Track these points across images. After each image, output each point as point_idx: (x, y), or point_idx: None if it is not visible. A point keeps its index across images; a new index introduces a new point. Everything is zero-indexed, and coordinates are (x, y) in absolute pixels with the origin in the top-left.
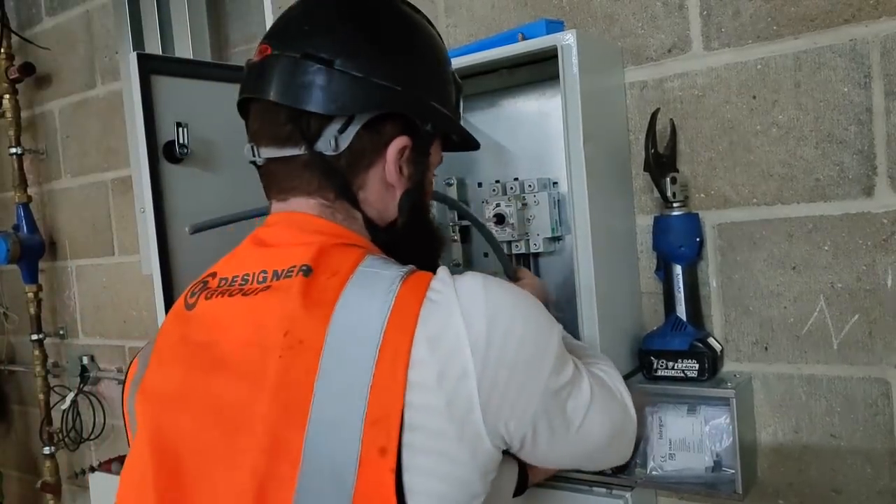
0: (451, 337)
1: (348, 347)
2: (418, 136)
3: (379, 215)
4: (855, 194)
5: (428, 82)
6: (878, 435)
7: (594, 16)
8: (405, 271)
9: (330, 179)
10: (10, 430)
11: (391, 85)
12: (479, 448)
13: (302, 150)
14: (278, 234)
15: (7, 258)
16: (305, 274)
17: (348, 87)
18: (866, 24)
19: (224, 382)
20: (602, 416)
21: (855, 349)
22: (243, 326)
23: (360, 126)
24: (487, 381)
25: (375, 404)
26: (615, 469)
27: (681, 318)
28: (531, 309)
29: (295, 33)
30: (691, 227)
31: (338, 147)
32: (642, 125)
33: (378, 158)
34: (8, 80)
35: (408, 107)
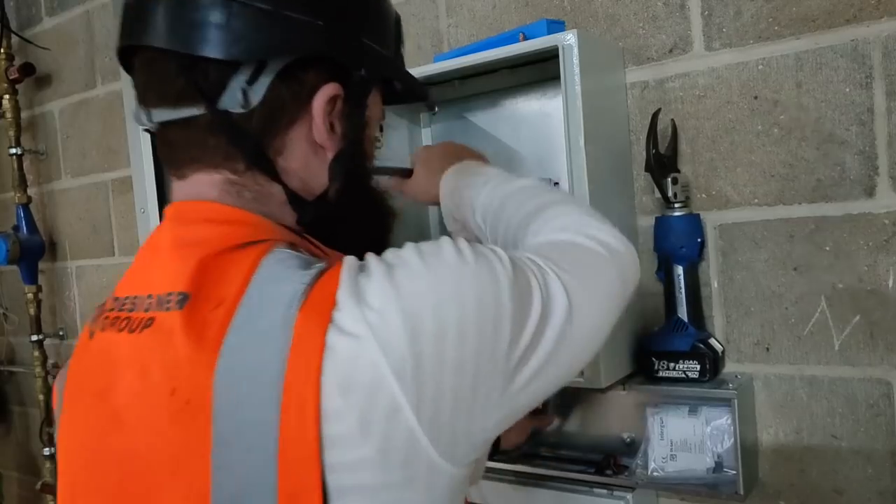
0: (365, 370)
1: (243, 407)
2: (350, 83)
3: (305, 186)
4: (856, 195)
5: (358, 14)
6: (879, 436)
7: (595, 16)
8: (307, 282)
9: (238, 145)
10: (9, 431)
11: (310, 19)
12: (441, 478)
13: (201, 109)
14: (165, 236)
15: (7, 259)
16: (180, 305)
17: (254, 24)
18: (868, 24)
19: (123, 449)
20: (591, 301)
21: (856, 350)
22: (132, 375)
23: (275, 74)
24: (428, 403)
25: (288, 476)
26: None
27: (682, 319)
28: (464, 284)
29: None
30: (692, 228)
31: (247, 103)
32: (643, 125)
33: (301, 114)
34: (8, 80)
35: (334, 47)
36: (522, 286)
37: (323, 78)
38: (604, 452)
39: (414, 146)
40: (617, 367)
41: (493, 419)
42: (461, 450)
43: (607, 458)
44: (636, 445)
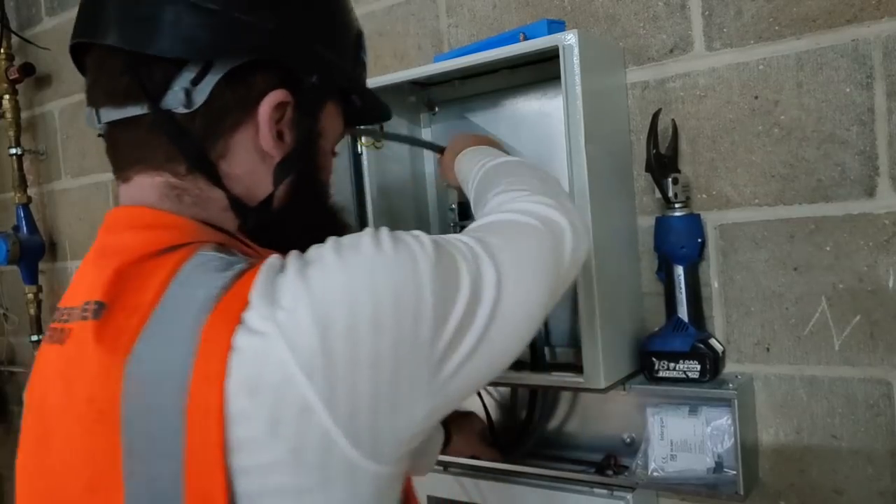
0: (272, 369)
1: (150, 415)
2: (301, 91)
3: (248, 192)
4: (857, 195)
5: (313, 20)
6: (879, 436)
7: (596, 16)
8: (221, 286)
9: (180, 146)
10: (9, 430)
11: (260, 22)
12: (364, 477)
13: (145, 108)
14: (95, 245)
15: (7, 259)
16: (95, 314)
17: (203, 25)
18: (868, 24)
19: (49, 465)
20: (522, 277)
21: (856, 350)
22: (58, 388)
23: (221, 76)
24: (343, 400)
25: (194, 484)
26: (616, 470)
27: (682, 319)
28: (378, 274)
29: None
30: (693, 228)
31: (191, 103)
32: (644, 126)
33: (247, 118)
34: (8, 80)
35: (283, 52)
36: (447, 271)
37: (272, 83)
38: (604, 452)
39: (414, 146)
40: (617, 367)
41: (422, 411)
42: (387, 447)
43: (607, 458)
44: (636, 445)
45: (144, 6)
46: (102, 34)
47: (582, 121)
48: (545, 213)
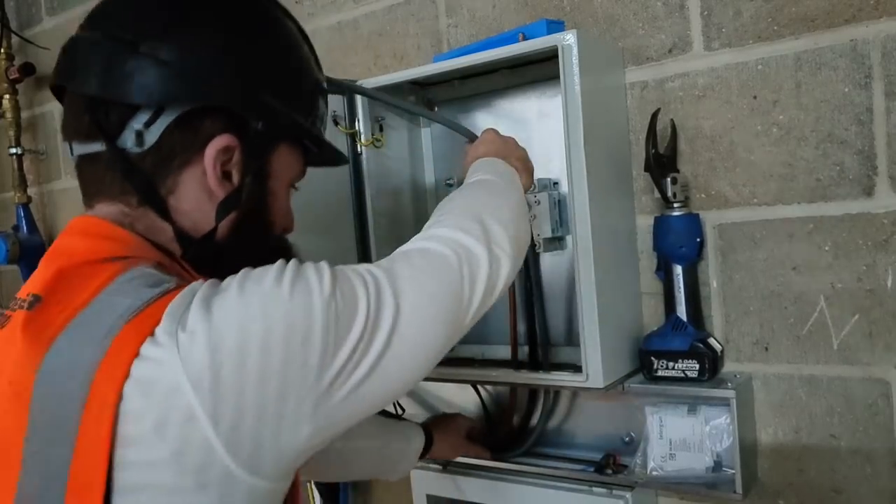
0: (165, 377)
1: (54, 404)
2: (247, 135)
3: (194, 225)
4: (855, 194)
5: (261, 73)
6: (878, 435)
7: (595, 16)
8: (144, 300)
9: (132, 181)
10: None
11: (207, 74)
12: (238, 488)
13: (103, 146)
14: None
15: (7, 258)
16: (30, 306)
17: (153, 74)
18: (867, 24)
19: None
20: (424, 310)
21: (855, 349)
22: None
23: (171, 119)
24: (227, 415)
25: (79, 469)
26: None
27: (681, 319)
28: (271, 304)
29: (103, 11)
30: (692, 228)
31: (142, 143)
32: (643, 125)
33: (194, 158)
34: (8, 80)
35: (229, 99)
36: (345, 300)
37: (218, 128)
38: (603, 451)
39: (413, 146)
40: (616, 367)
41: (307, 432)
42: (267, 462)
43: (607, 457)
44: (635, 444)
45: (106, 57)
46: (70, 79)
47: (581, 121)
48: (463, 242)
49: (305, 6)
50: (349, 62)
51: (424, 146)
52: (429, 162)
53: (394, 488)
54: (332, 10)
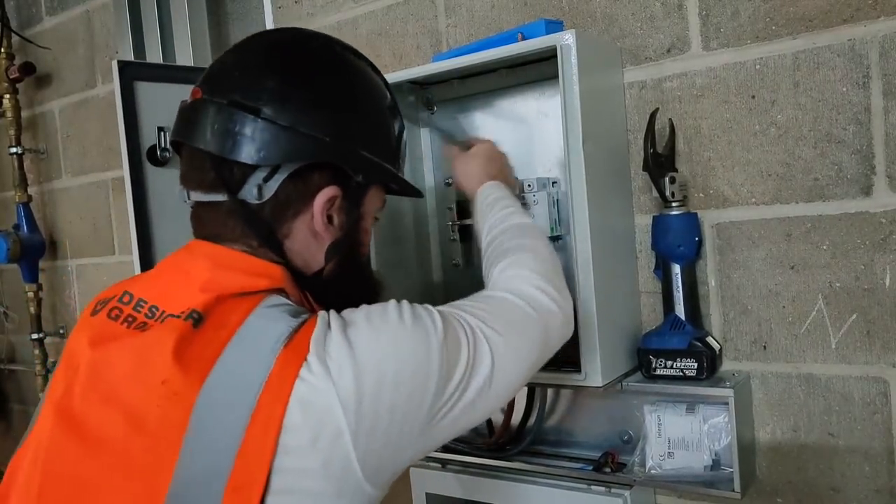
0: (321, 399)
1: (221, 410)
2: (349, 185)
3: (305, 264)
4: (853, 194)
5: (360, 132)
6: (876, 433)
7: (593, 16)
8: (292, 327)
9: (253, 227)
10: (9, 429)
11: (319, 135)
12: (361, 496)
13: (225, 196)
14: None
15: (7, 257)
16: (195, 323)
17: (273, 137)
18: (864, 24)
19: (111, 415)
20: (512, 362)
21: (853, 348)
22: (128, 361)
23: (287, 175)
24: (363, 435)
25: (241, 470)
26: (613, 468)
27: (679, 318)
28: (401, 343)
29: (225, 79)
30: (690, 227)
31: (262, 196)
32: (641, 125)
33: (305, 208)
34: (8, 79)
35: (336, 157)
36: (452, 345)
37: (325, 180)
38: (602, 450)
39: (413, 145)
40: (615, 365)
41: (414, 450)
42: (383, 475)
43: (605, 455)
44: (634, 443)
45: (229, 121)
46: (196, 138)
47: (579, 120)
48: (541, 301)
49: (305, 6)
50: None
51: (424, 145)
52: (428, 161)
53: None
54: (332, 10)
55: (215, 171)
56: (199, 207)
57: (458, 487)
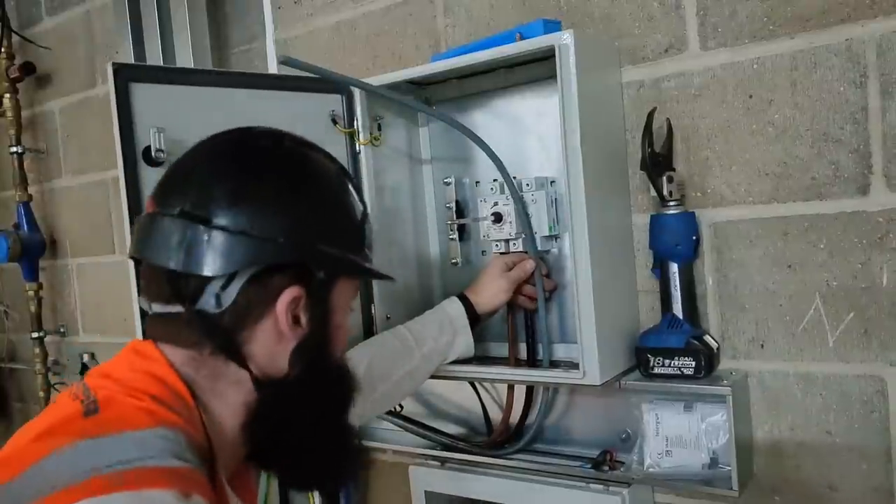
0: None
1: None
2: (312, 282)
3: (266, 369)
4: (851, 193)
5: (316, 227)
6: (873, 432)
7: (591, 16)
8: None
9: (211, 337)
10: (10, 427)
11: (273, 237)
12: None
13: (182, 308)
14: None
15: (7, 256)
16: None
17: (226, 245)
18: (862, 23)
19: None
20: None
21: (850, 347)
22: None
23: (245, 280)
24: None
25: None
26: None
27: (677, 316)
28: None
29: (174, 189)
30: (687, 226)
31: (220, 304)
32: (639, 124)
33: (267, 311)
34: (8, 79)
35: (293, 257)
36: None
37: (287, 281)
38: (600, 448)
39: (412, 144)
40: (613, 364)
41: None
42: None
43: (603, 453)
44: (632, 441)
45: (180, 233)
46: (151, 254)
47: (578, 120)
48: None
49: (305, 6)
50: (348, 62)
51: (423, 145)
52: (427, 161)
53: (393, 485)
54: (331, 11)
55: (170, 285)
56: (156, 319)
57: (457, 486)
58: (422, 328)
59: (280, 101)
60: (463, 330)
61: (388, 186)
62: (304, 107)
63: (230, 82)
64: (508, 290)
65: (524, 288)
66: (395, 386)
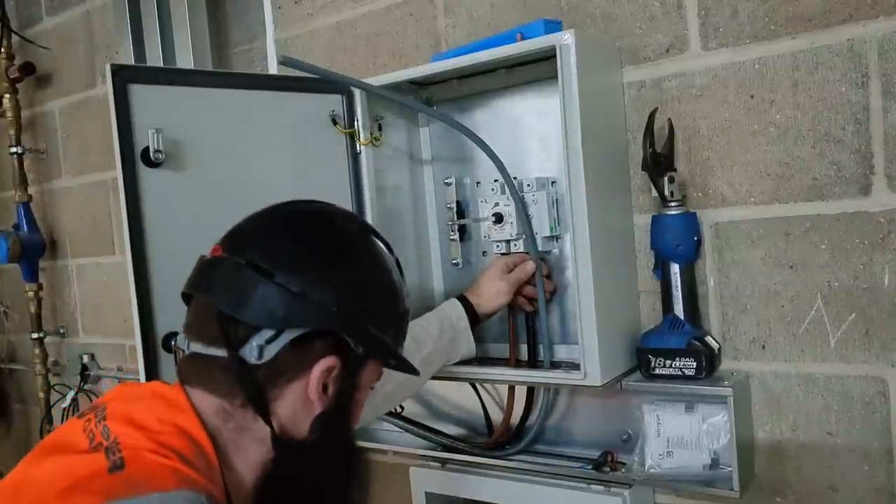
0: None
1: None
2: (348, 357)
3: (287, 429)
4: (852, 193)
5: (367, 307)
6: (874, 433)
7: (592, 16)
8: None
9: (243, 386)
10: (10, 428)
11: (327, 305)
12: None
13: (225, 352)
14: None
15: (7, 257)
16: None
17: (283, 302)
18: (864, 23)
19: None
20: None
21: (852, 348)
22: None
23: (289, 340)
24: None
25: None
26: (612, 467)
27: (678, 317)
28: None
29: (245, 240)
30: (689, 226)
31: (262, 357)
32: (640, 125)
33: (301, 374)
34: (8, 79)
35: (341, 328)
36: None
37: (326, 349)
38: (601, 449)
39: (413, 145)
40: (614, 365)
41: None
42: None
43: (604, 454)
44: (633, 442)
45: (242, 280)
46: (208, 291)
47: (579, 120)
48: None
49: (305, 6)
50: (348, 62)
51: (423, 145)
52: (427, 161)
53: (393, 486)
54: (332, 11)
55: (220, 327)
56: (193, 358)
57: (458, 486)
58: (422, 330)
59: (280, 102)
60: (464, 332)
61: (388, 187)
62: (304, 107)
63: (229, 83)
64: (509, 292)
65: (525, 289)
66: (395, 388)
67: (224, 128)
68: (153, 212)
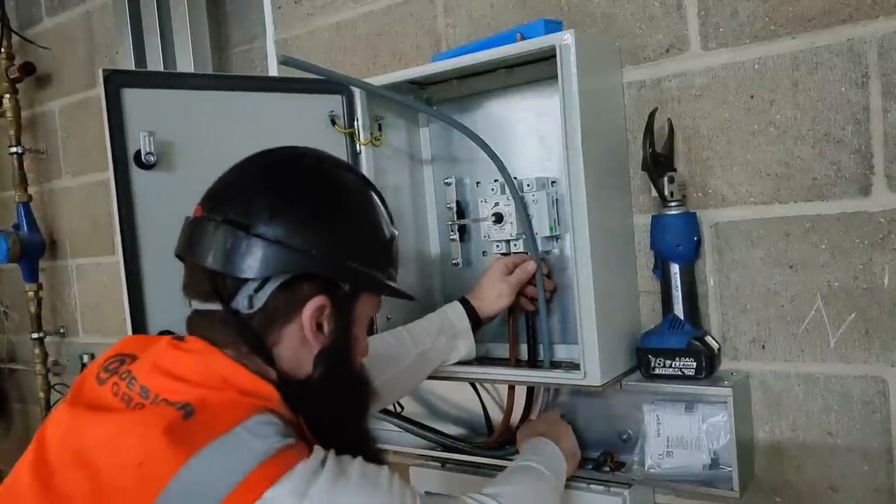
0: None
1: (189, 497)
2: (337, 295)
3: (292, 371)
4: (852, 193)
5: (348, 244)
6: (874, 433)
7: (592, 16)
8: (276, 448)
9: (243, 336)
10: (10, 428)
11: (306, 248)
12: None
13: (219, 306)
14: (189, 358)
15: (7, 257)
16: (186, 416)
17: (262, 252)
18: (864, 23)
19: (77, 476)
20: None
21: (852, 347)
22: (105, 432)
23: (276, 286)
24: None
25: None
26: (612, 467)
27: (678, 317)
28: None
29: (222, 197)
30: (689, 226)
31: (252, 306)
32: (640, 125)
33: (294, 316)
34: (8, 79)
35: (323, 269)
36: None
37: (314, 290)
38: (601, 449)
39: (413, 145)
40: (614, 365)
41: None
42: None
43: (604, 454)
44: (633, 442)
45: (223, 237)
46: (196, 254)
47: (579, 120)
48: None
49: (305, 6)
50: (348, 62)
51: (423, 145)
52: (427, 161)
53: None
54: (332, 11)
55: (210, 283)
56: (196, 314)
57: (458, 486)
58: (421, 329)
59: (278, 103)
60: (464, 333)
61: (388, 187)
62: (304, 107)
63: (223, 85)
64: (510, 294)
65: (527, 289)
66: (389, 382)
67: (220, 130)
68: (145, 213)
